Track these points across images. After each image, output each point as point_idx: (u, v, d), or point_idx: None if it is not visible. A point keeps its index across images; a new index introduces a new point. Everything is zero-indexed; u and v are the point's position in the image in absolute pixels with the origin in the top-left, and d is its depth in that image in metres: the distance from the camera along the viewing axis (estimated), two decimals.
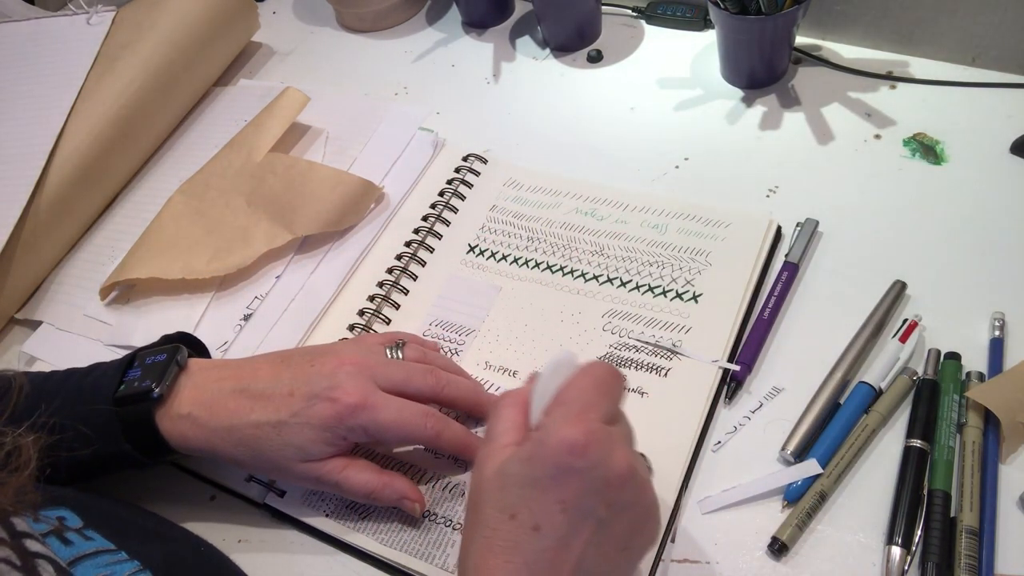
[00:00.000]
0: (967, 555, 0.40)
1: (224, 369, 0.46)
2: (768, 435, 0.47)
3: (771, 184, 0.60)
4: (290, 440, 0.43)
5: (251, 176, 0.64)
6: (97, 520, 0.38)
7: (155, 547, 0.40)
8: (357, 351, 0.46)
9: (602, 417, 0.35)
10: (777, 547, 0.43)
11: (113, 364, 0.47)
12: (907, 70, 0.64)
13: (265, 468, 0.46)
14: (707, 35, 0.71)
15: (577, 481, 0.34)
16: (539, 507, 0.34)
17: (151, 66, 0.71)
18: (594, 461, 0.34)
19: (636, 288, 0.55)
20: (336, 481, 0.44)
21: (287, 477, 0.46)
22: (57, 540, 0.35)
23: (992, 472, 0.43)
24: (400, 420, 0.43)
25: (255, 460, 0.45)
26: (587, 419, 0.34)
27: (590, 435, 0.34)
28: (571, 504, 0.34)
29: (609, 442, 0.34)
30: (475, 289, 0.57)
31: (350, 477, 0.44)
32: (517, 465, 0.35)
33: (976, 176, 0.57)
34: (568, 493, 0.34)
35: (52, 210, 0.65)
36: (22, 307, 0.65)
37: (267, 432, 0.43)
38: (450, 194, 0.63)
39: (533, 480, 0.34)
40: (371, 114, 0.70)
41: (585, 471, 0.34)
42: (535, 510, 0.34)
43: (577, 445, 0.33)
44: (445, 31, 0.80)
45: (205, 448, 0.45)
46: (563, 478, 0.34)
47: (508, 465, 0.35)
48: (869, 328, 0.50)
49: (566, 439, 0.33)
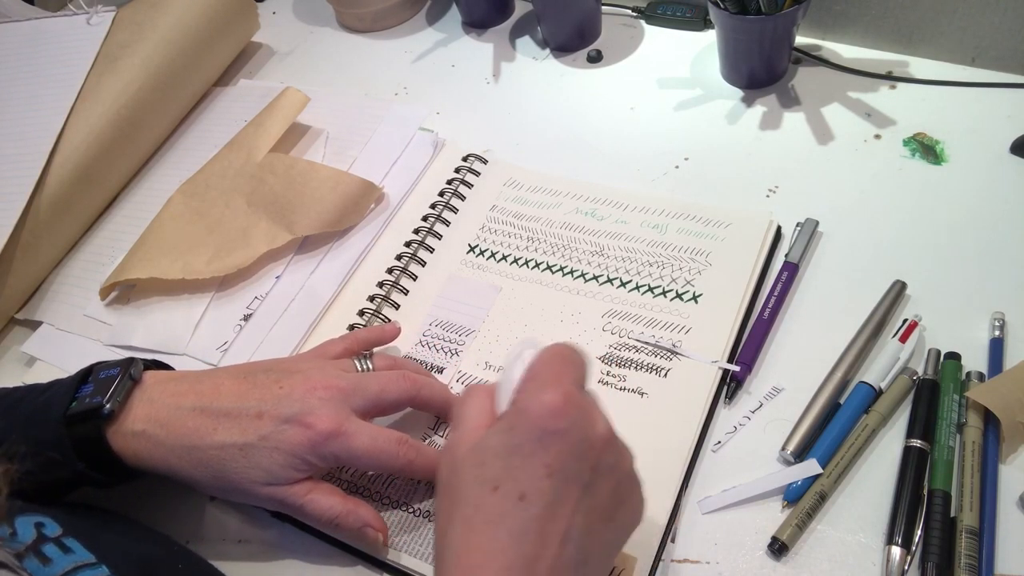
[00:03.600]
0: (967, 555, 0.40)
1: (182, 383, 0.44)
2: (768, 435, 0.47)
3: (771, 184, 0.60)
4: (257, 463, 0.42)
5: (251, 176, 0.64)
6: (76, 526, 0.38)
7: (135, 556, 0.39)
8: (325, 375, 0.44)
9: (575, 383, 0.35)
10: (777, 547, 0.43)
11: (68, 380, 0.45)
12: (907, 70, 0.64)
13: (226, 490, 0.44)
14: (707, 35, 0.71)
15: (560, 443, 0.33)
16: (524, 474, 0.33)
17: (151, 66, 0.71)
18: (576, 421, 0.33)
19: (636, 288, 0.55)
20: (300, 504, 0.43)
21: (247, 499, 0.44)
22: (36, 559, 0.34)
23: (992, 472, 0.43)
24: (374, 448, 0.42)
25: (216, 482, 0.43)
26: (563, 384, 0.34)
27: (569, 397, 0.34)
28: (556, 468, 0.33)
29: (587, 404, 0.35)
30: (475, 289, 0.57)
31: (315, 501, 0.43)
32: (496, 437, 0.34)
33: (976, 176, 0.57)
34: (552, 456, 0.33)
35: (52, 210, 0.65)
36: (22, 307, 0.65)
37: (232, 454, 0.42)
38: (450, 194, 0.63)
39: (515, 448, 0.33)
40: (371, 114, 0.70)
41: (568, 432, 0.33)
42: (520, 478, 0.33)
43: (558, 407, 0.33)
44: (445, 31, 0.80)
45: (161, 467, 0.43)
46: (547, 441, 0.33)
47: (487, 439, 0.35)
48: (869, 328, 0.50)
49: (546, 403, 0.33)
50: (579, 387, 0.36)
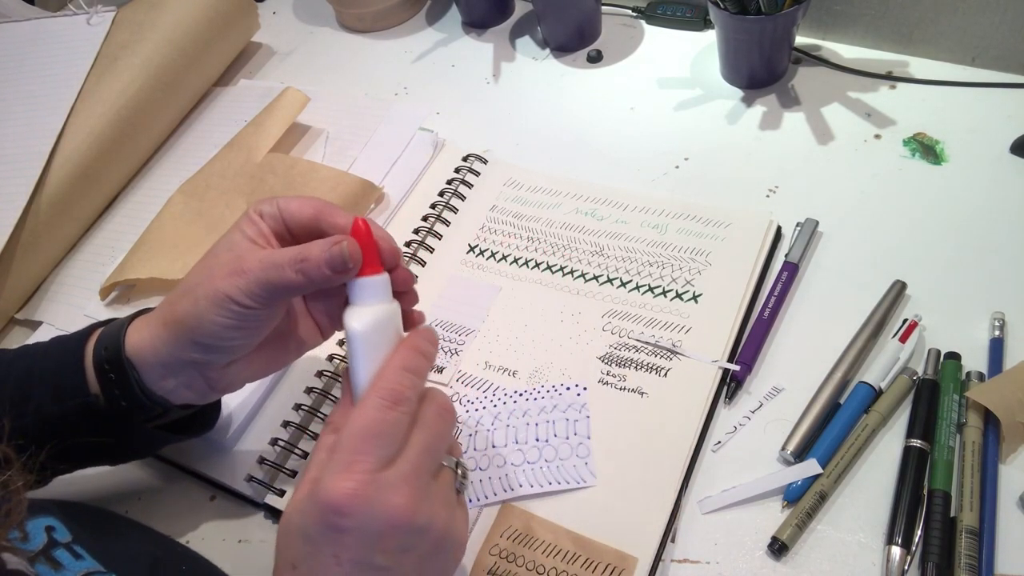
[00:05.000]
0: (967, 555, 0.40)
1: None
2: (768, 435, 0.47)
3: (771, 184, 0.60)
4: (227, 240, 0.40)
5: (251, 176, 0.64)
6: (85, 534, 0.38)
7: (141, 562, 0.39)
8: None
9: (378, 454, 0.34)
10: (777, 547, 0.43)
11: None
12: (907, 70, 0.64)
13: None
14: (707, 35, 0.71)
15: (348, 537, 0.33)
16: (315, 561, 0.34)
17: (151, 66, 0.71)
18: (361, 519, 0.33)
19: (636, 288, 0.55)
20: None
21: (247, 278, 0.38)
22: (47, 564, 0.35)
23: (992, 472, 0.43)
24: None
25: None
26: (355, 470, 0.33)
27: (355, 494, 0.33)
28: (345, 558, 0.33)
29: (378, 494, 0.33)
30: (475, 289, 0.57)
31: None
32: (297, 516, 0.35)
33: (976, 176, 0.57)
34: (340, 548, 0.33)
35: (52, 210, 0.65)
36: (22, 307, 0.65)
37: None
38: (450, 194, 0.63)
39: (307, 535, 0.34)
40: (371, 114, 0.70)
41: (354, 529, 0.33)
42: (312, 564, 0.34)
43: (341, 507, 0.33)
44: (445, 31, 0.80)
45: (159, 325, 0.40)
46: (333, 535, 0.33)
47: (292, 515, 0.35)
48: (869, 328, 0.50)
49: (330, 501, 0.33)
50: (381, 461, 0.34)
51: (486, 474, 0.48)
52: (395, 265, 0.40)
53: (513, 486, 0.47)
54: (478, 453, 0.49)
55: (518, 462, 0.48)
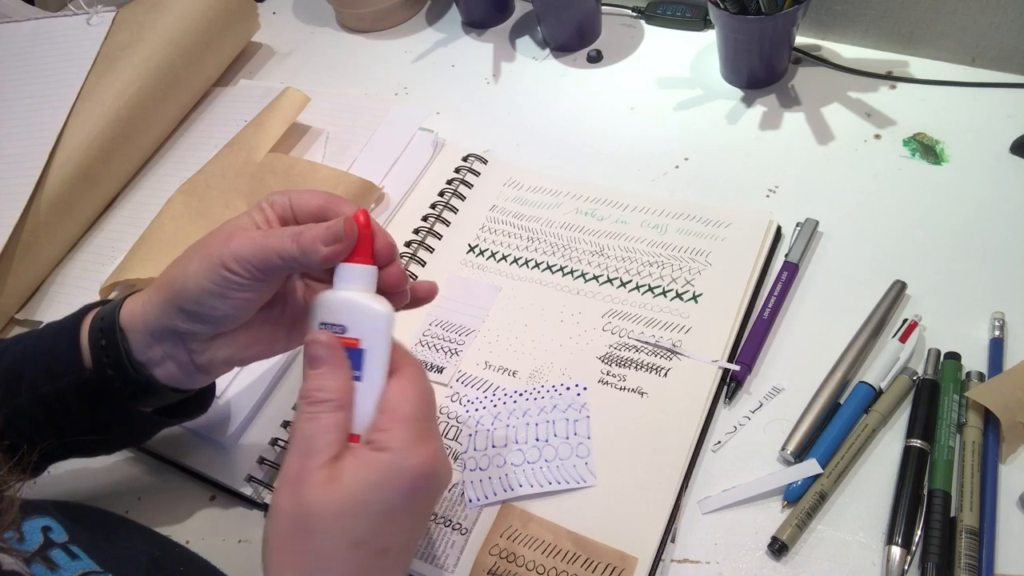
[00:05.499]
0: (967, 555, 0.40)
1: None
2: (768, 435, 0.47)
3: (771, 184, 0.60)
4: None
5: (251, 176, 0.64)
6: (82, 534, 0.38)
7: (138, 563, 0.39)
8: None
9: (434, 415, 0.38)
10: (777, 547, 0.43)
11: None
12: (907, 70, 0.64)
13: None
14: (707, 35, 0.71)
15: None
16: (392, 531, 0.35)
17: (151, 66, 0.71)
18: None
19: (636, 288, 0.55)
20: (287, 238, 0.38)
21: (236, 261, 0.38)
22: (43, 565, 0.35)
23: (992, 472, 0.43)
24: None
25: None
26: (431, 440, 0.36)
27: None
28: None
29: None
30: (475, 289, 0.57)
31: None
32: (366, 493, 0.34)
33: (976, 176, 0.57)
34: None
35: (52, 210, 0.65)
36: (22, 307, 0.65)
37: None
38: (450, 194, 0.63)
39: (389, 508, 0.35)
40: (371, 114, 0.70)
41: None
42: (387, 533, 0.35)
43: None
44: (445, 31, 0.80)
45: (152, 291, 0.41)
46: (414, 498, 0.35)
47: (354, 496, 0.34)
48: (869, 328, 0.50)
49: (419, 468, 0.35)
50: (434, 417, 0.38)
51: (486, 474, 0.48)
52: (389, 261, 0.40)
53: (513, 486, 0.47)
54: (478, 453, 0.49)
55: (518, 462, 0.48)
